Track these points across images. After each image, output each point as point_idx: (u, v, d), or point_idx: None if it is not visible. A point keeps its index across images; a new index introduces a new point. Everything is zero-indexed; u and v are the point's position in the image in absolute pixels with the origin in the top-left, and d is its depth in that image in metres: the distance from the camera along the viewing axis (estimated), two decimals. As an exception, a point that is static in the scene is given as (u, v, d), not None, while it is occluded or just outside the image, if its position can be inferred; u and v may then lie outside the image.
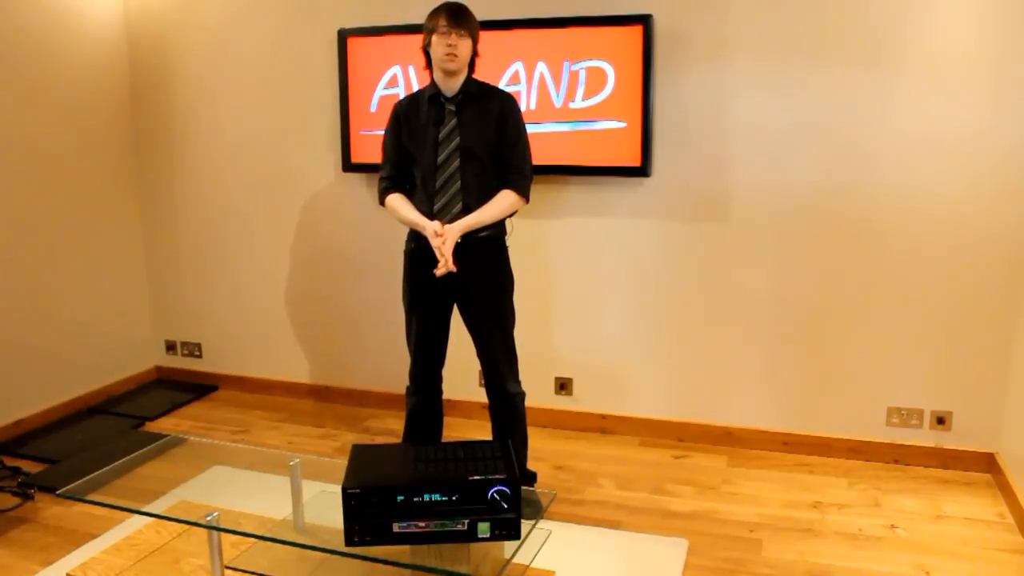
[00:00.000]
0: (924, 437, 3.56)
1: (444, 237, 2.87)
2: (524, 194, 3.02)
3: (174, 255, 4.62)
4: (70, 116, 4.17)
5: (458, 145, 2.94)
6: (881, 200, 3.43)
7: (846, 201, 3.47)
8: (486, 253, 3.01)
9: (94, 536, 3.08)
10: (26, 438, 3.93)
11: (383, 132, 3.12)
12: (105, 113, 4.37)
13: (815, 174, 3.49)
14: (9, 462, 3.67)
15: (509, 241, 3.12)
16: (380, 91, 3.92)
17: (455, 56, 2.88)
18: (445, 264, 2.86)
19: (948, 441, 3.54)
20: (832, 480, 3.47)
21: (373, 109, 3.94)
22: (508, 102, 3.00)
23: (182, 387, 4.64)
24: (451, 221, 2.94)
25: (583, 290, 3.89)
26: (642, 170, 3.61)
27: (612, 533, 3.06)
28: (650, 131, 3.59)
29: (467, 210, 2.94)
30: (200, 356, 4.70)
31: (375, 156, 3.93)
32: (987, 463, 3.49)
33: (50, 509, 3.29)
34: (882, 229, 3.45)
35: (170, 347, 4.76)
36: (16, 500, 3.34)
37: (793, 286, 3.61)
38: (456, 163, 2.94)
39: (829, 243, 3.53)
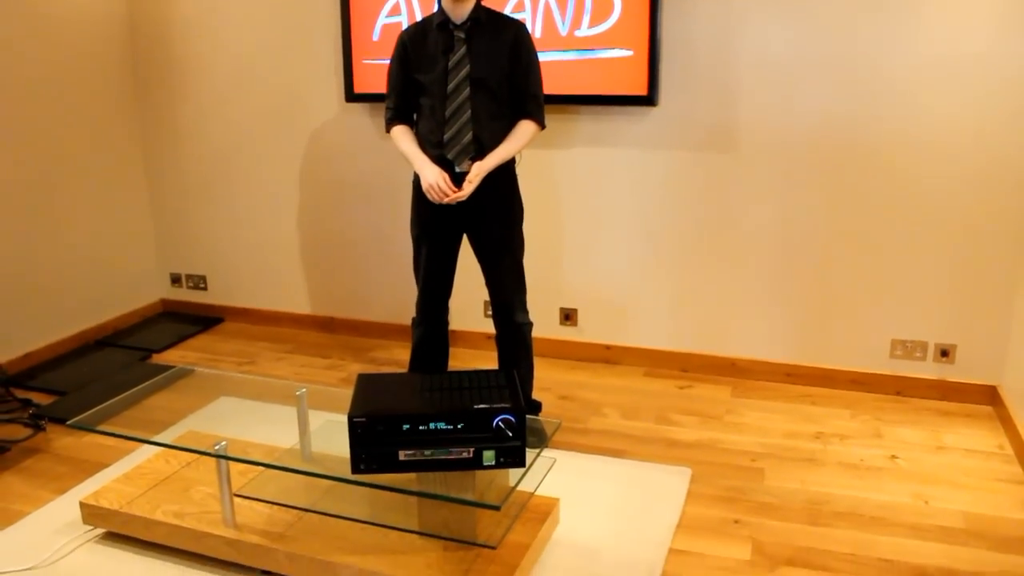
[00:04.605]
0: (927, 370, 3.58)
1: (474, 179, 2.87)
2: (542, 122, 3.01)
3: (177, 187, 4.59)
4: (68, 45, 4.11)
5: (468, 74, 2.90)
6: (888, 131, 3.38)
7: (853, 131, 3.43)
8: (496, 183, 2.99)
9: (105, 466, 3.12)
10: (35, 371, 3.96)
11: (387, 61, 3.07)
12: (103, 42, 4.30)
13: (822, 104, 3.44)
14: (20, 394, 3.70)
15: (518, 171, 3.10)
16: (383, 19, 3.85)
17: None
18: (455, 194, 2.86)
19: (951, 374, 3.55)
20: (834, 411, 3.49)
21: (376, 38, 3.88)
22: (521, 30, 2.95)
23: (188, 319, 4.66)
24: (461, 151, 2.92)
25: (589, 221, 3.87)
26: (649, 99, 3.57)
27: (616, 462, 3.09)
28: (657, 60, 3.53)
29: (477, 140, 2.92)
30: (205, 288, 4.71)
31: (378, 86, 3.88)
32: (989, 396, 3.51)
33: (61, 440, 3.33)
34: (889, 160, 3.41)
35: (175, 280, 4.77)
36: (28, 431, 3.38)
37: (799, 217, 3.59)
38: (466, 92, 2.90)
39: (836, 174, 3.49)
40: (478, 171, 2.88)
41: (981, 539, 2.62)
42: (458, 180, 2.93)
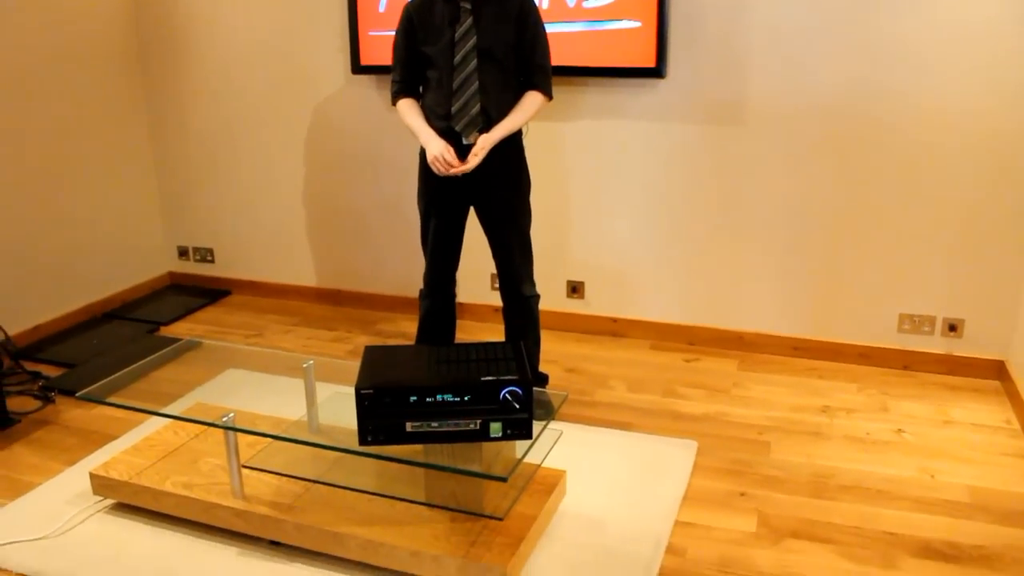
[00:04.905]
0: (935, 344, 3.58)
1: (479, 152, 2.86)
2: (549, 93, 3.00)
3: (183, 161, 4.59)
4: (73, 19, 4.09)
5: (475, 45, 2.88)
6: (898, 103, 3.36)
7: (863, 104, 3.41)
8: (504, 154, 2.99)
9: (114, 437, 3.15)
10: (44, 343, 3.99)
11: (393, 33, 3.06)
12: (109, 16, 4.28)
13: (832, 77, 3.42)
14: (29, 367, 3.73)
15: (525, 142, 3.09)
16: (389, -10, 3.83)
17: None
18: (459, 166, 2.86)
19: (959, 348, 3.55)
20: (841, 385, 3.50)
21: (382, 9, 3.85)
22: (526, 1, 2.93)
23: (195, 292, 4.68)
24: (469, 124, 2.91)
25: (596, 193, 3.87)
26: (657, 71, 3.55)
27: (622, 434, 3.11)
28: (665, 31, 3.51)
29: (485, 112, 2.91)
30: (212, 261, 4.73)
31: (385, 58, 3.87)
32: (996, 370, 3.51)
33: (71, 412, 3.36)
34: (899, 132, 3.39)
35: (182, 253, 4.78)
36: (38, 403, 3.41)
37: (808, 190, 3.57)
38: (473, 63, 2.89)
39: (845, 147, 3.48)
40: (483, 144, 2.88)
41: (986, 513, 2.63)
42: (466, 152, 2.93)
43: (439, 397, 2.20)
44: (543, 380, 3.38)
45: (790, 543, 2.49)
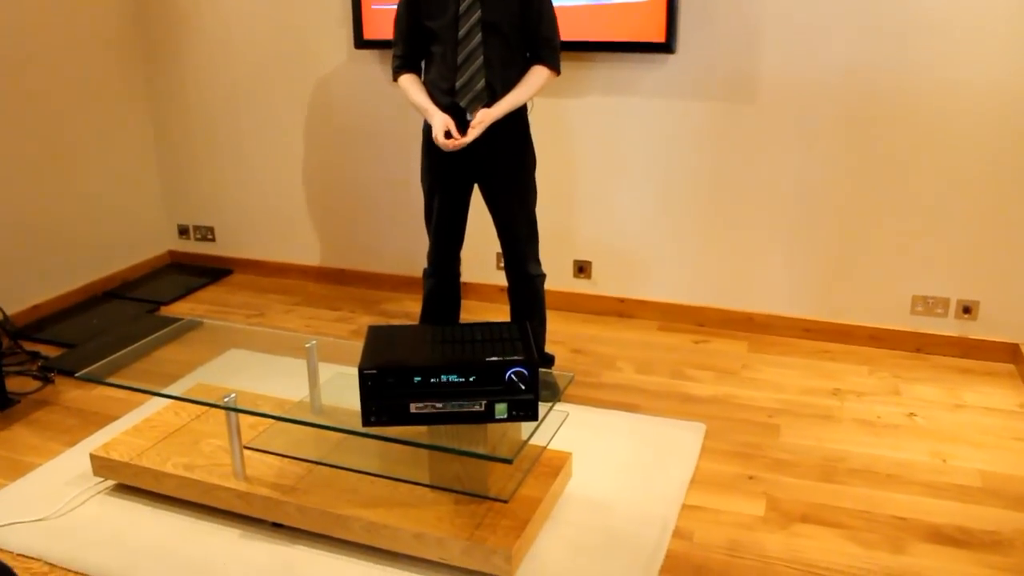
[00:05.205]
0: (948, 326, 3.55)
1: (477, 125, 2.83)
2: (556, 68, 2.97)
3: (184, 138, 4.57)
4: (71, -10, 4.07)
5: (480, 19, 2.84)
6: (914, 79, 3.32)
7: (878, 80, 3.36)
8: (509, 130, 2.96)
9: (114, 418, 3.15)
10: (43, 323, 3.98)
11: (396, 7, 3.02)
12: (107, -13, 4.26)
13: (845, 53, 3.37)
14: (28, 347, 3.73)
15: (530, 118, 3.06)
16: (393, -37, 3.79)
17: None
18: (456, 140, 2.83)
19: (973, 331, 3.53)
20: (852, 368, 3.48)
21: (386, -18, 3.82)
22: None
23: (196, 271, 4.67)
24: (474, 99, 2.88)
25: (604, 171, 3.84)
26: (666, 46, 3.51)
27: (630, 416, 3.10)
28: (675, 4, 3.46)
29: (490, 87, 2.88)
30: (213, 240, 4.71)
31: (389, 32, 3.83)
32: (1011, 354, 3.49)
33: (70, 392, 3.36)
34: (914, 110, 3.35)
35: (183, 231, 4.77)
36: (37, 383, 3.41)
37: (820, 169, 3.54)
38: (478, 38, 2.85)
39: (859, 124, 3.44)
40: (482, 117, 2.84)
41: (998, 498, 2.61)
42: (467, 127, 2.90)
43: (443, 378, 2.19)
44: (549, 361, 3.37)
45: (799, 527, 2.48)
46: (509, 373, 2.19)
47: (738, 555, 2.37)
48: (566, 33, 3.57)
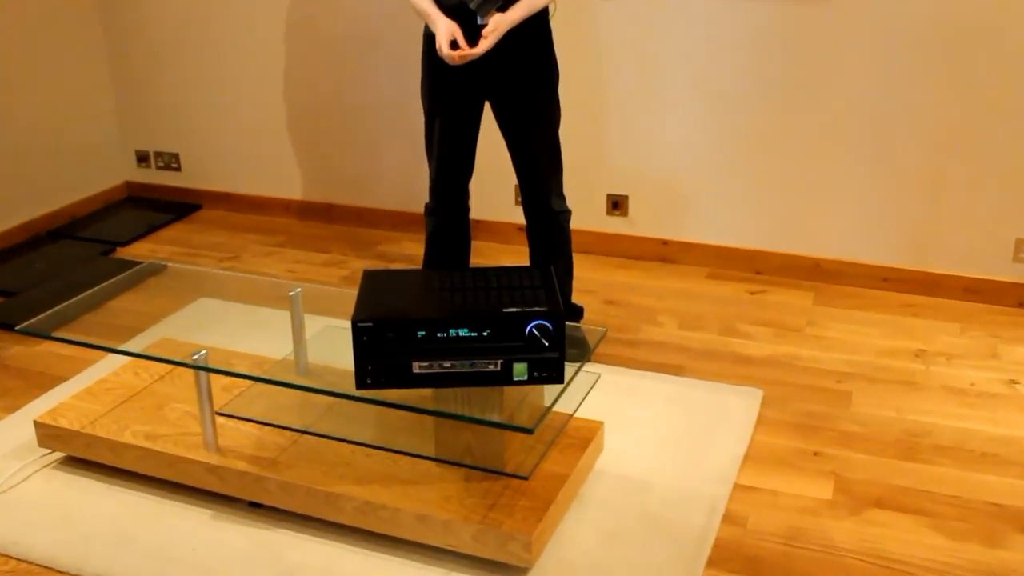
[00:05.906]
0: (1057, 274, 3.54)
1: (490, 33, 2.80)
2: None
3: (143, 49, 4.55)
4: None
5: (494, -91, 2.81)
6: (1027, -25, 3.27)
7: (982, -24, 3.31)
8: (526, 38, 2.93)
9: (63, 379, 3.18)
10: (-23, 265, 4.02)
11: None
12: None
13: (944, -59, 3.32)
14: (-40, 292, 3.76)
15: (552, 23, 3.02)
16: None
17: None
18: (464, 51, 2.80)
19: (1086, 279, 3.52)
20: (941, 325, 3.47)
21: None
22: None
23: (158, 206, 4.68)
24: (487, 0, 2.84)
25: (642, 87, 3.81)
26: (722, -65, 3.45)
27: (672, 380, 3.11)
28: None
29: (503, -12, 2.85)
30: (178, 169, 4.72)
31: (385, -82, 3.79)
32: None
33: (10, 349, 3.38)
34: (1020, 26, 3.30)
35: (142, 158, 4.77)
36: (-30, 336, 3.44)
37: (907, 86, 3.49)
38: (492, -75, 2.82)
39: (957, 33, 3.38)
40: (496, 25, 2.82)
41: (1115, 479, 2.62)
42: (478, 35, 2.87)
43: (452, 332, 2.19)
44: (577, 313, 3.38)
45: (873, 513, 2.49)
46: (530, 327, 2.18)
47: (799, 545, 2.38)
48: (600, -82, 3.52)
